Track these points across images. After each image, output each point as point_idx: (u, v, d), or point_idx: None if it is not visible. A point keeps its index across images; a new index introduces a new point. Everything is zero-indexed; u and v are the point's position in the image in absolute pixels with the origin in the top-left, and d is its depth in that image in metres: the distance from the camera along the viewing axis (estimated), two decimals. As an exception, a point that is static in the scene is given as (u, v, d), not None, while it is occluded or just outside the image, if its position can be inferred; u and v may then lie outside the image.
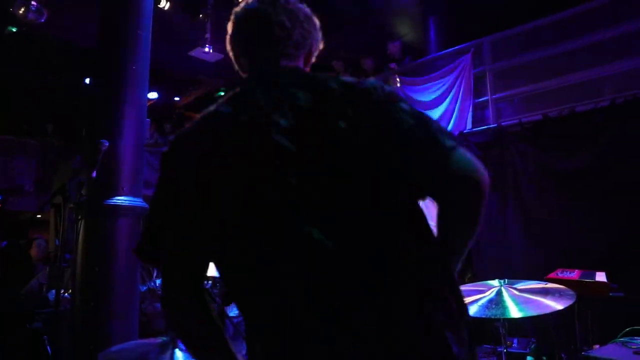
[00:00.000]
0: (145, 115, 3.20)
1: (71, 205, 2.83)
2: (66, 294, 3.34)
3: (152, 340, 1.57)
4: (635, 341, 2.31)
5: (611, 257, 4.13)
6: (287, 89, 0.95)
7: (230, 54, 1.16)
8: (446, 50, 6.03)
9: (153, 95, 10.01)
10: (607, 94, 4.73)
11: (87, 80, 8.71)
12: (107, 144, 2.66)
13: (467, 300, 2.23)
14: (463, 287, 2.48)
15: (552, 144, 4.80)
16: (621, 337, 2.38)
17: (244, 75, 1.13)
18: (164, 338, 1.48)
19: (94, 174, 2.58)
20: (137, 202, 2.97)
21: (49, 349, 2.99)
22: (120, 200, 2.89)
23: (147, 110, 3.23)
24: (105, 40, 3.11)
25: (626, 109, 4.41)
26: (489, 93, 5.34)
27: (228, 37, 1.16)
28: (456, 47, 5.82)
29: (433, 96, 5.86)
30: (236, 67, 1.16)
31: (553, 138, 4.73)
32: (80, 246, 2.84)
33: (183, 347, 1.43)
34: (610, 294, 2.74)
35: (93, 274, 2.79)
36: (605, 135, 4.48)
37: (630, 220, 4.16)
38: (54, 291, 3.75)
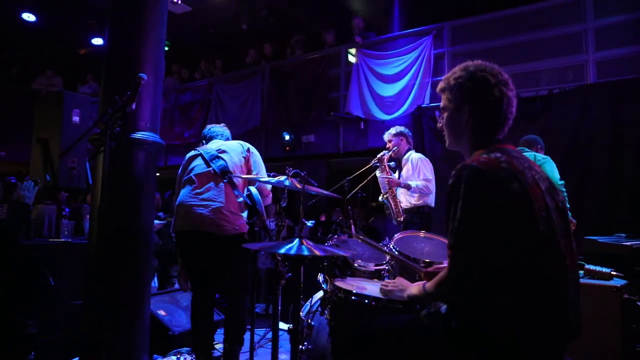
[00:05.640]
0: (163, 54, 3.26)
1: (95, 136, 2.87)
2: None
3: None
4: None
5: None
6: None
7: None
8: (409, 30, 6.52)
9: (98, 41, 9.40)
10: (543, 85, 5.56)
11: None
12: (146, 78, 2.72)
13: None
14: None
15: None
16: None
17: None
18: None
19: (133, 107, 2.65)
20: (156, 137, 3.07)
21: (51, 281, 2.99)
22: (145, 135, 2.97)
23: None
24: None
25: (559, 99, 5.23)
26: (447, 73, 5.92)
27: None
28: (419, 28, 6.32)
29: (395, 71, 6.35)
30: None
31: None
32: (100, 177, 2.89)
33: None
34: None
35: (116, 203, 2.87)
36: (541, 119, 5.29)
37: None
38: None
